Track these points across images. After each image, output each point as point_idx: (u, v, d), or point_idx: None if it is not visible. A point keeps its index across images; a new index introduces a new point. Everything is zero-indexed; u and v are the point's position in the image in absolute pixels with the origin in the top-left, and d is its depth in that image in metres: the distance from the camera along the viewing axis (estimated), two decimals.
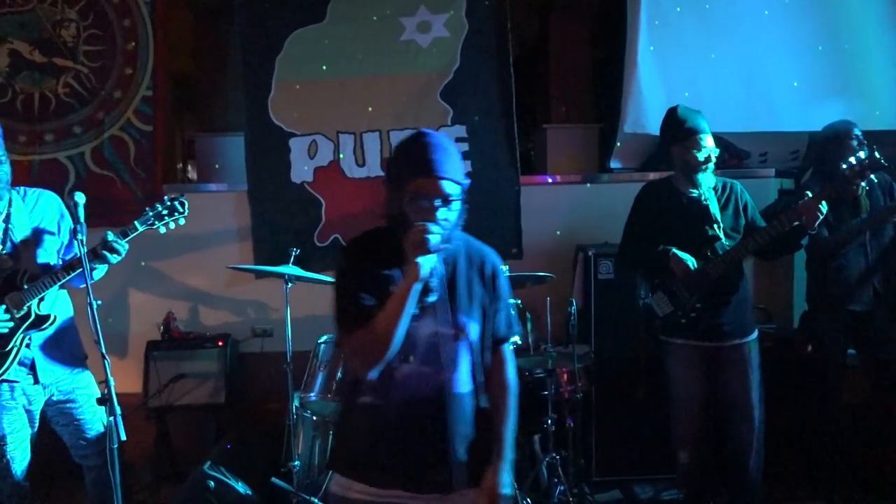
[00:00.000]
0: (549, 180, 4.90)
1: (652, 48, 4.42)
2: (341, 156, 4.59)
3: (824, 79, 4.43)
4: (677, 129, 3.34)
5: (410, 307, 1.86)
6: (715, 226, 3.26)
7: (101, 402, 2.52)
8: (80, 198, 2.83)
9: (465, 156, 4.57)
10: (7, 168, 2.94)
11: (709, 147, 3.28)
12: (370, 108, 4.59)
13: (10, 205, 2.96)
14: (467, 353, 2.02)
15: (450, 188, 1.90)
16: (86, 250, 2.67)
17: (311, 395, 3.33)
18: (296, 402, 3.46)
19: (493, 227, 4.60)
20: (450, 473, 1.97)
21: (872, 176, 3.82)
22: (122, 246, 2.93)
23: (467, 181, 1.95)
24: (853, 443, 3.98)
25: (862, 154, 3.17)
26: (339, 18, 4.55)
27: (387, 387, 1.96)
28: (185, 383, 4.20)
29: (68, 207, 2.92)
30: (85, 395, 3.08)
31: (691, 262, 3.18)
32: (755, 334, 3.40)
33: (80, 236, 2.66)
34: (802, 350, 3.93)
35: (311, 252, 4.47)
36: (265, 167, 4.57)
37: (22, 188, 3.08)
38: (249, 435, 4.02)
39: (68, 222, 3.12)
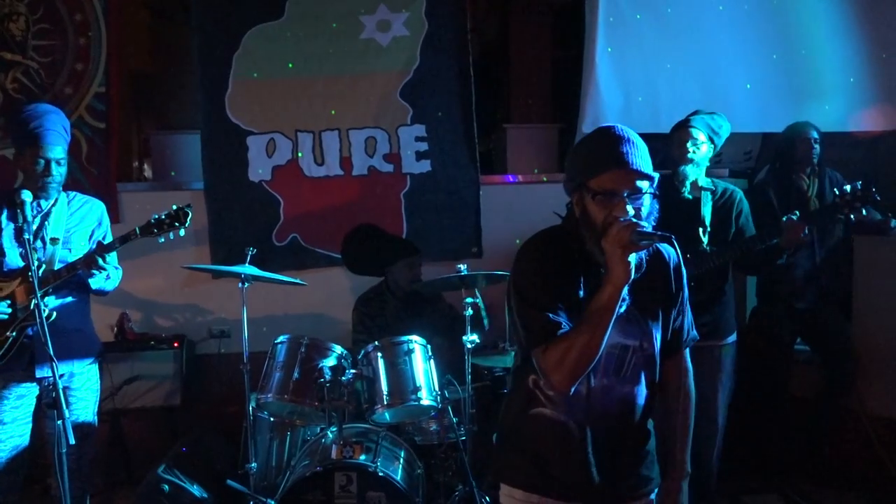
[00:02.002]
0: (509, 180, 4.93)
1: (610, 49, 4.47)
2: (300, 154, 4.55)
3: (776, 82, 4.52)
4: (678, 123, 3.35)
5: (616, 313, 1.72)
6: (700, 229, 3.24)
7: (49, 405, 2.48)
8: (27, 196, 2.82)
9: (424, 155, 4.59)
10: (64, 170, 2.98)
11: (696, 140, 3.25)
12: (331, 108, 4.56)
13: (54, 204, 2.99)
14: (647, 362, 1.91)
15: (641, 182, 1.76)
16: (32, 248, 2.66)
17: (268, 396, 3.29)
18: (253, 404, 3.42)
19: (453, 225, 4.64)
20: (627, 486, 1.93)
21: (829, 175, 3.95)
22: (109, 261, 2.92)
23: (657, 174, 1.80)
24: (805, 436, 4.08)
25: (858, 185, 3.07)
26: (297, 16, 4.51)
27: (572, 404, 1.85)
28: (139, 385, 4.13)
29: (15, 205, 2.86)
30: (78, 392, 3.03)
31: None
32: (732, 338, 3.40)
33: (26, 235, 2.63)
34: (754, 344, 4.02)
35: (270, 251, 4.44)
36: (222, 165, 4.51)
37: (73, 193, 3.12)
38: (206, 437, 3.97)
39: (105, 230, 3.16)
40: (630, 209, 1.74)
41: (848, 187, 3.09)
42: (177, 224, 3.01)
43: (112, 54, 4.47)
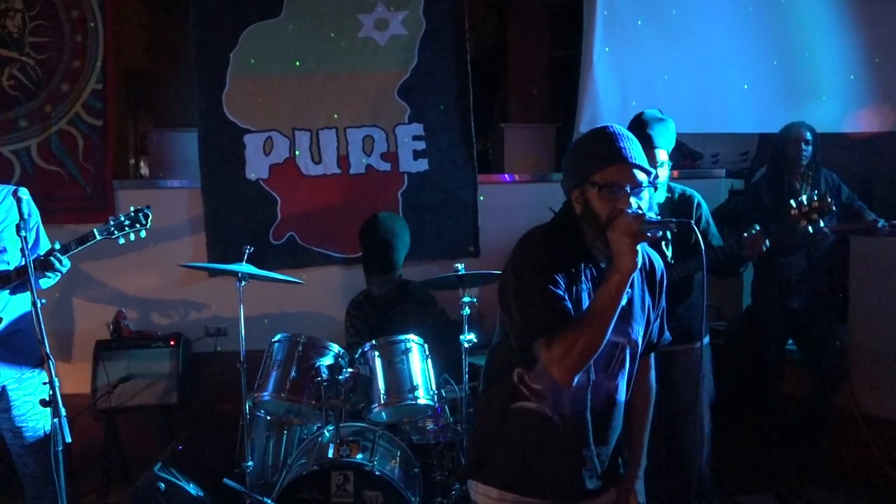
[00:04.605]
0: (507, 179, 4.93)
1: (607, 49, 4.47)
2: (297, 153, 4.54)
3: (774, 82, 4.54)
4: (634, 135, 3.23)
5: (621, 303, 1.76)
6: (663, 242, 3.17)
7: (45, 403, 2.45)
8: (24, 193, 2.80)
9: (421, 154, 4.58)
10: None
11: (661, 162, 3.11)
12: (329, 107, 4.54)
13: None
14: (629, 360, 1.97)
15: (641, 176, 1.82)
16: (29, 247, 2.63)
17: (265, 394, 3.28)
18: (249, 402, 3.42)
19: (450, 225, 4.63)
20: (606, 481, 1.98)
21: (825, 176, 3.97)
22: (64, 263, 2.88)
23: (653, 170, 1.86)
24: (800, 436, 4.10)
25: (815, 195, 3.08)
26: (295, 14, 4.50)
27: (557, 395, 1.88)
28: (135, 384, 4.11)
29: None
30: (28, 399, 2.99)
31: None
32: (705, 340, 3.35)
33: (22, 233, 2.61)
34: (747, 342, 4.04)
35: (266, 250, 4.42)
36: (219, 164, 4.50)
37: None
38: (202, 436, 3.96)
39: (36, 219, 3.08)
40: (634, 201, 1.79)
41: (804, 198, 3.08)
42: (137, 226, 3.00)
43: (109, 51, 4.45)
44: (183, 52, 4.82)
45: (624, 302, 1.82)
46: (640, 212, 1.76)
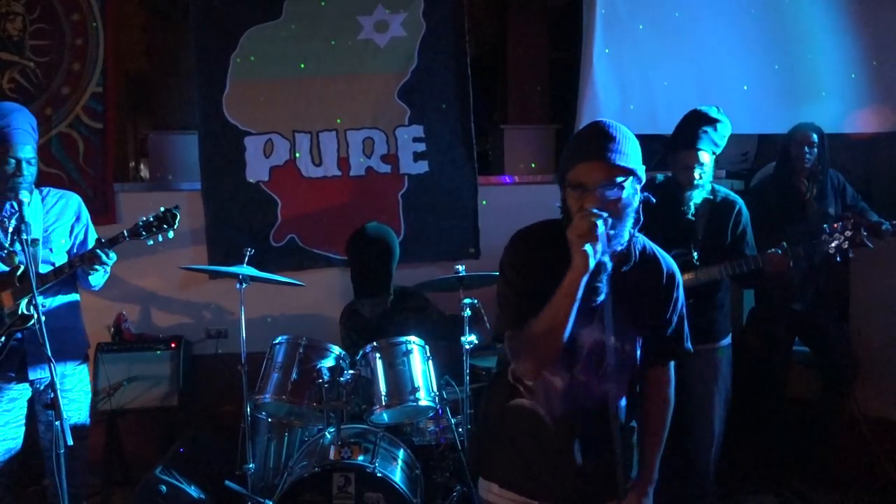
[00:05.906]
0: (507, 180, 4.94)
1: (607, 50, 4.47)
2: (297, 155, 4.54)
3: (774, 83, 4.54)
4: (678, 133, 3.20)
5: (576, 303, 1.73)
6: (692, 244, 3.17)
7: (47, 406, 2.48)
8: (25, 196, 2.81)
9: (421, 156, 4.59)
10: (34, 170, 2.93)
11: (703, 164, 3.11)
12: (329, 109, 4.54)
13: (27, 203, 2.90)
14: (627, 364, 1.93)
15: (612, 174, 1.75)
16: (31, 250, 2.65)
17: (266, 396, 3.29)
18: (250, 404, 3.42)
19: (450, 226, 4.64)
20: (605, 489, 1.92)
21: (831, 176, 3.97)
22: (111, 256, 2.92)
23: (638, 167, 1.79)
24: (802, 437, 4.10)
25: (850, 224, 3.04)
26: (295, 16, 4.50)
27: (549, 395, 1.89)
28: (136, 386, 4.11)
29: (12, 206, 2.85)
30: (65, 393, 3.01)
31: None
32: (726, 341, 3.35)
33: (24, 236, 2.62)
34: (751, 345, 4.04)
35: (267, 252, 4.43)
36: (220, 166, 4.50)
37: (46, 188, 3.09)
38: (203, 438, 3.96)
39: (84, 224, 3.12)
40: (598, 201, 1.74)
41: (837, 224, 3.06)
42: (165, 226, 3.00)
43: (109, 55, 4.46)
44: (183, 54, 4.83)
45: (600, 301, 1.79)
46: (594, 212, 1.71)
